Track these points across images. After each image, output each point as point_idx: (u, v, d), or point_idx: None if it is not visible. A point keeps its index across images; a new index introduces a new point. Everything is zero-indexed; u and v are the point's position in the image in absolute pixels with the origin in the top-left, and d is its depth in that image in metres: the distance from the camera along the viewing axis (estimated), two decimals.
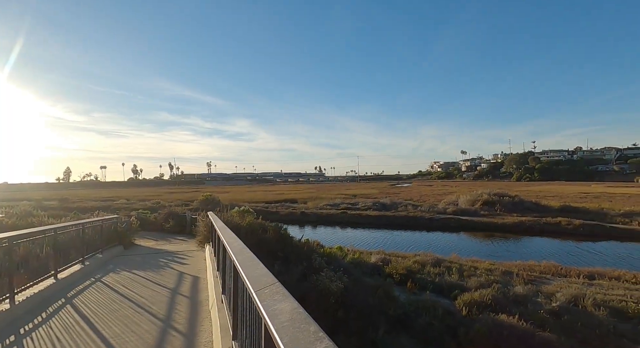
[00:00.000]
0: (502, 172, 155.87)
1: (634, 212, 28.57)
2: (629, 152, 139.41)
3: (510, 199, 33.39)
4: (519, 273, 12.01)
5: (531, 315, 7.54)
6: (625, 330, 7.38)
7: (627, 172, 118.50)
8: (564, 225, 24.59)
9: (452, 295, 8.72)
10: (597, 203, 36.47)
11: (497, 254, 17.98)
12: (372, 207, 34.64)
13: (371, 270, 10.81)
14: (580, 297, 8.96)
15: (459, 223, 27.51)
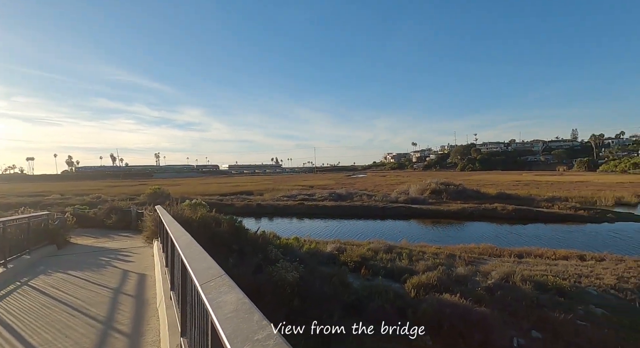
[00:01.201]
0: (448, 162, 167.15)
1: (555, 198, 32.50)
2: (552, 144, 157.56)
3: (455, 188, 36.01)
4: (461, 255, 13.07)
5: (470, 292, 8.27)
6: (545, 300, 8.43)
7: (551, 162, 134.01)
8: (499, 211, 27.14)
9: (402, 279, 9.24)
10: (526, 190, 40.83)
11: (443, 239, 19.34)
12: (329, 198, 35.22)
13: (327, 259, 11.04)
14: (511, 274, 10.02)
15: (409, 211, 29.06)
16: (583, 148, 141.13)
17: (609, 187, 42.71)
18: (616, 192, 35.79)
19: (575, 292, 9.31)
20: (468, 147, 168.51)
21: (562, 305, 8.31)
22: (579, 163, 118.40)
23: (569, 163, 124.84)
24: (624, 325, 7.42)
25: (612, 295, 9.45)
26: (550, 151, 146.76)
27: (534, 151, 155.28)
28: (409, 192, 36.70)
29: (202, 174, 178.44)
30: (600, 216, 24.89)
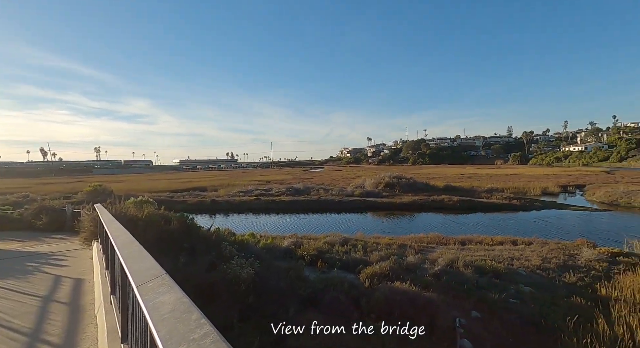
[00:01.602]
0: (401, 157, 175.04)
1: (493, 189, 35.67)
2: (492, 140, 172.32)
3: (407, 181, 37.86)
4: (411, 245, 13.81)
5: (419, 279, 8.81)
6: (483, 282, 9.25)
7: (490, 156, 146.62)
8: (446, 202, 29.12)
9: (357, 270, 9.54)
10: (469, 182, 44.25)
11: (395, 230, 20.29)
12: (286, 192, 35.06)
13: (284, 253, 11.01)
14: (455, 261, 10.83)
15: (365, 204, 30.01)
16: (517, 143, 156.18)
17: (537, 178, 47.88)
18: (542, 183, 40.26)
19: (508, 273, 10.33)
20: (419, 142, 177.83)
21: (497, 286, 9.18)
22: (513, 157, 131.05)
23: (505, 157, 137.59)
24: (546, 300, 8.41)
25: (538, 274, 10.64)
26: (489, 146, 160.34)
27: (476, 146, 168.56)
28: (364, 185, 37.83)
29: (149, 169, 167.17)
30: (529, 205, 27.85)
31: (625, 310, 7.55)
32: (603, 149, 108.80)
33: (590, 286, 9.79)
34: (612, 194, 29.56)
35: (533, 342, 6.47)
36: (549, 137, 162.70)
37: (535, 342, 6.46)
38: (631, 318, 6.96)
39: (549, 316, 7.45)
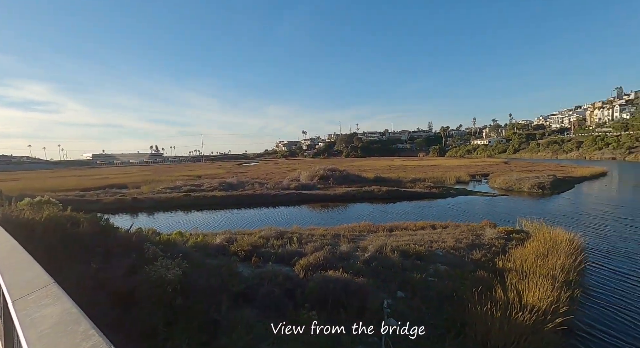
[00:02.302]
0: (335, 150, 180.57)
1: (417, 179, 39.06)
2: (415, 134, 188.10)
3: (340, 173, 39.22)
4: (344, 234, 14.42)
5: (351, 266, 9.26)
6: (407, 265, 10.13)
7: (415, 149, 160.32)
8: (376, 192, 30.99)
9: (292, 262, 9.62)
10: (396, 173, 47.73)
11: (330, 221, 20.93)
12: (219, 188, 33.54)
13: (216, 251, 10.55)
14: (383, 247, 11.63)
15: (300, 197, 30.29)
16: (436, 137, 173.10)
17: (452, 169, 53.83)
18: (456, 173, 45.41)
19: (428, 255, 11.48)
20: (351, 135, 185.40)
21: (419, 267, 10.14)
22: (433, 150, 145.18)
23: (427, 150, 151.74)
24: (458, 275, 9.59)
25: (452, 254, 12.03)
26: (414, 140, 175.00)
27: (402, 140, 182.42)
28: (300, 178, 38.16)
29: (52, 164, 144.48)
30: (446, 192, 31.22)
31: (515, 278, 8.99)
32: (502, 143, 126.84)
33: (491, 260, 11.42)
34: (508, 181, 34.77)
35: (446, 313, 7.32)
36: (462, 132, 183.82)
37: (448, 313, 7.32)
38: (519, 284, 8.32)
39: (460, 289, 8.50)
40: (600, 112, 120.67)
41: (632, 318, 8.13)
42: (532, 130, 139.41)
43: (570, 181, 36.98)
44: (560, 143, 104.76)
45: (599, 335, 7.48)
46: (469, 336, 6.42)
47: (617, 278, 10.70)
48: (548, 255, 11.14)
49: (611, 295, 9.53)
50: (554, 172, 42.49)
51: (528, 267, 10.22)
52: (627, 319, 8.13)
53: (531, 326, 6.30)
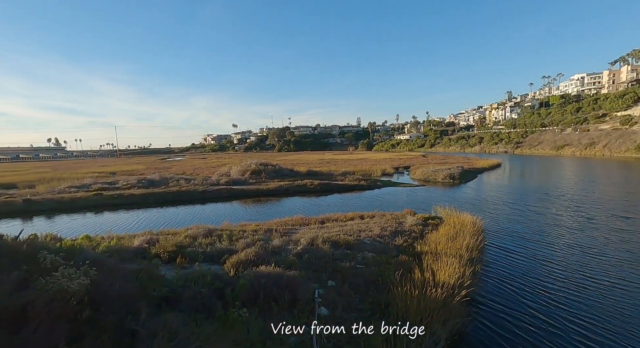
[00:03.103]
0: (267, 144, 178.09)
1: (347, 172, 40.81)
2: (345, 128, 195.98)
3: (273, 168, 38.85)
4: (277, 229, 14.37)
5: (283, 260, 9.28)
6: (338, 254, 10.57)
7: (345, 143, 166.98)
8: (309, 186, 31.51)
9: (222, 260, 9.25)
10: (328, 167, 49.18)
11: (262, 216, 20.63)
12: (138, 185, 30.39)
13: (134, 254, 9.56)
14: (315, 238, 11.92)
15: (231, 192, 29.21)
16: (364, 132, 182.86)
17: (378, 162, 57.56)
18: (382, 166, 48.71)
19: (357, 244, 12.12)
20: (284, 129, 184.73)
21: (348, 256, 10.66)
22: (362, 144, 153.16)
23: (356, 144, 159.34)
24: (383, 261, 10.34)
25: (378, 241, 12.91)
26: (344, 134, 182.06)
27: (333, 134, 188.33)
28: (231, 173, 36.76)
29: None
30: (373, 184, 33.28)
31: (431, 259, 10.06)
32: (421, 138, 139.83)
33: (411, 245, 12.58)
34: (426, 173, 38.58)
35: (372, 296, 7.86)
36: (387, 128, 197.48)
37: (374, 296, 7.87)
38: (434, 264, 9.34)
39: (384, 273, 9.18)
40: (496, 112, 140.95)
41: (516, 287, 9.79)
42: (445, 126, 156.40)
43: (474, 172, 42.64)
44: (467, 138, 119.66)
45: (492, 303, 8.85)
46: (392, 315, 6.99)
47: (504, 254, 12.73)
48: (457, 237, 12.70)
49: (500, 268, 11.32)
50: (462, 164, 48.44)
51: (441, 248, 11.51)
52: (512, 287, 9.77)
53: (442, 300, 7.14)
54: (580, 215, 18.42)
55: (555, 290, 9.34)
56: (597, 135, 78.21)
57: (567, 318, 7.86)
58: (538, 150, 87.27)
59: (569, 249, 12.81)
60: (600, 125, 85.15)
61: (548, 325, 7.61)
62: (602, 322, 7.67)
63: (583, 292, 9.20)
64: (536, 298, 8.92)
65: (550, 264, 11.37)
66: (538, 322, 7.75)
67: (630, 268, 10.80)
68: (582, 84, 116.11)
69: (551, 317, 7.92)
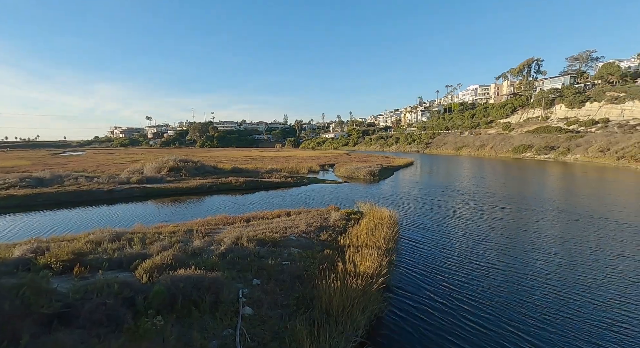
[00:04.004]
0: (188, 139, 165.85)
1: (274, 169, 40.54)
2: (272, 125, 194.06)
3: (194, 164, 36.37)
4: (198, 229, 13.52)
5: (205, 262, 8.79)
6: (263, 252, 10.45)
7: (272, 140, 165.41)
8: (233, 183, 30.38)
9: (133, 266, 8.32)
10: (254, 164, 48.13)
11: (182, 216, 19.17)
12: (20, 184, 25.30)
13: (14, 267, 7.93)
14: (240, 237, 11.57)
15: (145, 191, 26.45)
16: (291, 130, 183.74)
17: (305, 159, 58.53)
18: (309, 163, 49.69)
19: (283, 240, 12.16)
20: (206, 124, 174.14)
21: (274, 253, 10.62)
22: (289, 141, 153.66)
23: (283, 141, 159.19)
24: (308, 256, 10.59)
25: (304, 237, 13.16)
26: (271, 131, 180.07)
27: (260, 131, 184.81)
28: (144, 171, 33.27)
29: None
30: (299, 181, 33.74)
31: (352, 252, 10.68)
32: (345, 137, 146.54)
33: (335, 239, 13.13)
34: (349, 170, 40.65)
35: (298, 292, 7.99)
36: (313, 126, 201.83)
37: (300, 291, 8.01)
38: (355, 256, 9.94)
39: (310, 268, 9.42)
40: (410, 114, 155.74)
41: (421, 272, 11.07)
42: (366, 127, 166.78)
43: (392, 169, 46.52)
44: (385, 138, 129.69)
45: (405, 287, 9.82)
46: (316, 308, 7.22)
47: (413, 243, 14.24)
48: (376, 230, 13.71)
49: (410, 256, 12.64)
50: (381, 162, 52.36)
51: (362, 241, 12.29)
52: (418, 273, 11.00)
53: (362, 289, 7.64)
54: (472, 207, 21.61)
55: (451, 274, 10.79)
56: (486, 139, 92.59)
57: (459, 297, 9.15)
58: (443, 150, 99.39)
59: (462, 237, 14.90)
60: (488, 130, 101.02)
61: (444, 305, 8.77)
62: (485, 299, 9.16)
63: (471, 274, 10.81)
64: (435, 282, 10.20)
65: (448, 251, 13.08)
66: (436, 303, 8.85)
67: (507, 251, 13.09)
68: (476, 93, 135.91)
69: (446, 298, 9.14)
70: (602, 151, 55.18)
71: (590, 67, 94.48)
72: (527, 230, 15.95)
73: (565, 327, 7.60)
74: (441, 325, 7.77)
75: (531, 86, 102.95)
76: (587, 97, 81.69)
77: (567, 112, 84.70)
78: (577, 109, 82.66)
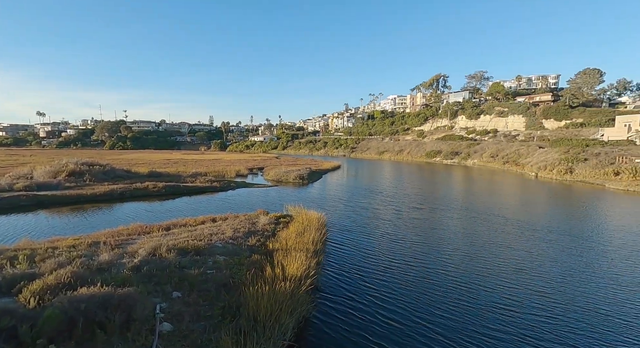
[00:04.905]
0: (94, 139, 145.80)
1: (198, 173, 38.13)
2: (196, 127, 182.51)
3: (102, 168, 32.10)
4: (106, 241, 11.94)
5: (114, 277, 7.80)
6: (185, 262, 9.73)
7: (196, 142, 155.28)
8: (151, 189, 27.65)
9: (16, 289, 6.93)
10: (175, 167, 44.57)
11: (86, 227, 16.73)
12: None
13: None
14: (158, 247, 10.57)
15: (35, 200, 22.34)
16: (217, 132, 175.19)
17: (233, 163, 56.39)
18: (237, 167, 48.01)
19: (208, 248, 11.49)
20: (118, 123, 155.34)
21: (198, 262, 9.96)
22: (215, 144, 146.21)
23: (209, 144, 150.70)
24: (236, 263, 10.20)
25: (231, 243, 12.63)
26: (194, 133, 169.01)
27: (182, 132, 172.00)
28: (34, 175, 28.14)
29: None
30: (227, 186, 32.35)
31: (281, 255, 10.64)
32: (274, 140, 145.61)
33: (264, 244, 12.91)
34: (278, 174, 40.50)
35: (224, 300, 7.63)
36: (241, 128, 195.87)
37: (225, 300, 7.66)
38: (284, 260, 9.92)
39: (236, 275, 9.08)
40: (337, 120, 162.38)
41: (346, 272, 11.63)
42: (295, 130, 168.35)
43: (320, 173, 47.78)
44: (314, 142, 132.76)
45: (331, 287, 10.16)
46: (244, 316, 6.99)
47: (339, 244, 14.87)
48: (304, 233, 13.90)
49: (337, 257, 13.17)
50: (310, 165, 53.38)
51: (291, 244, 12.34)
52: (344, 272, 11.52)
53: (290, 292, 7.67)
54: (391, 208, 23.48)
55: (370, 273, 11.48)
56: (404, 144, 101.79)
57: (376, 295, 9.77)
58: (367, 155, 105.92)
59: (381, 237, 16.02)
60: (405, 137, 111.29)
61: (363, 304, 9.27)
62: (400, 295, 10.00)
63: (388, 271, 11.63)
64: (356, 281, 10.76)
65: (368, 251, 13.92)
66: (357, 302, 9.34)
67: (420, 248, 14.50)
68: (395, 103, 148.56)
69: (364, 296, 9.70)
70: (493, 157, 65.36)
71: (483, 84, 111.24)
72: (437, 228, 17.95)
73: (465, 314, 8.66)
74: (360, 323, 8.15)
75: (439, 99, 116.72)
76: (482, 110, 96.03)
77: (467, 123, 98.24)
78: (474, 120, 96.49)
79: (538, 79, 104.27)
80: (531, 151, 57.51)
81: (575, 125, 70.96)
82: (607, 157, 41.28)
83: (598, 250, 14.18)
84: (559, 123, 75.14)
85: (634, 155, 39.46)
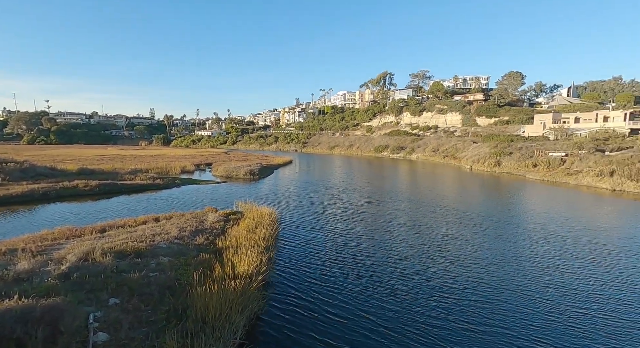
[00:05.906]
0: (8, 133, 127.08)
1: (138, 170, 35.31)
2: (135, 120, 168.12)
3: (18, 165, 28.17)
4: (25, 247, 10.54)
5: (36, 287, 6.94)
6: (124, 266, 8.99)
7: (134, 137, 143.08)
8: (81, 188, 24.95)
9: None
10: (111, 164, 40.73)
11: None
12: None
13: None
14: (91, 252, 9.61)
15: None
16: (159, 126, 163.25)
17: (177, 159, 53.13)
18: (182, 162, 45.35)
19: (150, 250, 10.73)
20: (38, 115, 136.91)
21: (138, 265, 9.26)
22: (157, 138, 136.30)
23: (150, 138, 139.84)
24: (182, 263, 9.68)
25: (176, 243, 11.94)
26: (133, 126, 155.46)
27: (118, 125, 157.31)
28: None
29: None
30: (171, 183, 30.44)
31: (232, 253, 10.34)
32: (223, 135, 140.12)
33: (212, 242, 12.43)
34: (228, 169, 39.14)
35: (168, 304, 7.21)
36: (187, 122, 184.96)
37: (170, 303, 7.24)
38: (234, 258, 9.66)
39: (183, 276, 8.63)
40: (288, 115, 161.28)
41: (296, 267, 11.73)
42: (245, 125, 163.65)
43: (271, 168, 47.15)
44: (265, 137, 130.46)
45: (282, 283, 10.16)
46: (191, 318, 6.68)
47: (290, 240, 14.93)
48: (255, 229, 13.66)
49: (288, 252, 13.20)
50: (261, 161, 52.42)
51: (242, 241, 12.04)
52: (294, 268, 11.61)
53: (241, 289, 7.50)
54: (341, 202, 24.08)
55: (318, 269, 11.57)
56: (354, 139, 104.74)
57: (323, 292, 9.96)
58: (318, 150, 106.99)
59: (330, 232, 16.28)
60: (355, 132, 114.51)
61: (310, 302, 9.31)
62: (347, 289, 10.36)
63: (336, 266, 11.80)
64: (306, 277, 10.86)
65: (318, 246, 14.10)
66: (305, 298, 9.40)
67: (367, 242, 15.08)
68: (345, 99, 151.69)
69: (312, 292, 9.84)
70: (434, 151, 70.29)
71: (425, 83, 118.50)
72: (384, 221, 18.80)
73: (408, 304, 9.08)
74: (308, 319, 8.17)
75: (386, 95, 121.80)
76: (424, 107, 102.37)
77: (411, 119, 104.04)
78: (417, 117, 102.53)
79: (472, 80, 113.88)
80: (466, 146, 62.85)
81: (502, 122, 79.01)
82: (527, 151, 46.75)
83: (524, 235, 16.01)
84: (490, 120, 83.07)
85: (548, 149, 45.21)
